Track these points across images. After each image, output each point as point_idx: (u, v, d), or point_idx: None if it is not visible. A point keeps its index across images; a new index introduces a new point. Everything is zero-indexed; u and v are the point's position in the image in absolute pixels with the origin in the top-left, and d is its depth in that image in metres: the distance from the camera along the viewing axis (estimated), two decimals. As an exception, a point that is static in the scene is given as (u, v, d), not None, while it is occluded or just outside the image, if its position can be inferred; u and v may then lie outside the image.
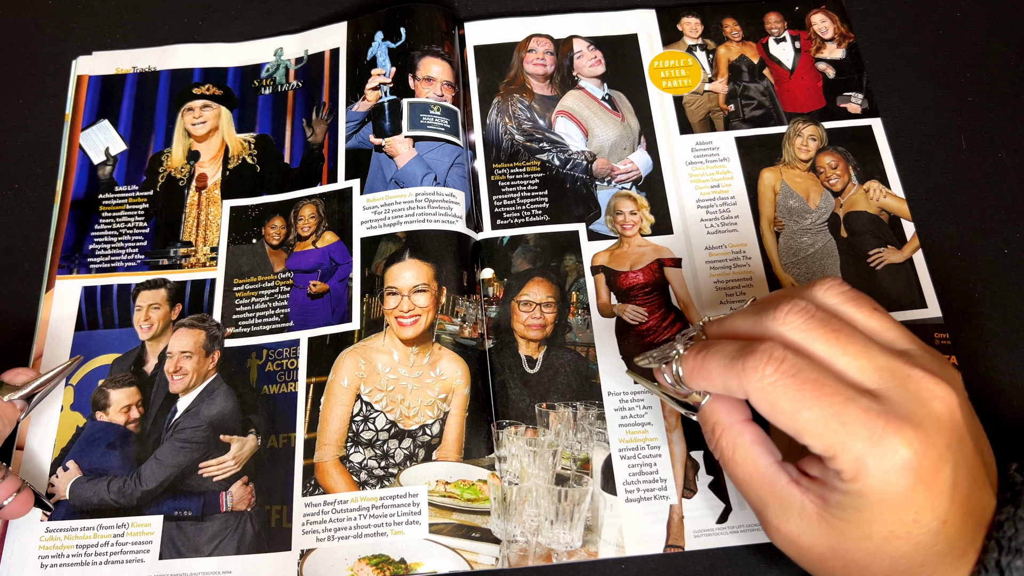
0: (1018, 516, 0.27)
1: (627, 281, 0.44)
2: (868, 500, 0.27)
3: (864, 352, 0.28)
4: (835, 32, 0.51)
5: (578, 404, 0.41)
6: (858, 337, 0.28)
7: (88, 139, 0.49)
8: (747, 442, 0.30)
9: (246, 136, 0.49)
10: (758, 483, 0.30)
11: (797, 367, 0.28)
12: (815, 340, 0.28)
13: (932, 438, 0.26)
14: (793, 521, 0.29)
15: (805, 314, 0.29)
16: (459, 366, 0.42)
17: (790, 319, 0.29)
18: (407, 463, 0.40)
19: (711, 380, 0.30)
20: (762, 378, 0.28)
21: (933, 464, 0.26)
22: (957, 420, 0.27)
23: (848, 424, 0.26)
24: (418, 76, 0.49)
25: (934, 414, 0.27)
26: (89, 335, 0.44)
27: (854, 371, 0.28)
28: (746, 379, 0.28)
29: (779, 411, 0.28)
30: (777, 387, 0.27)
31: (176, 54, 0.51)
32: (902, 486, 0.26)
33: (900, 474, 0.26)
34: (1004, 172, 0.47)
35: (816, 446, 0.27)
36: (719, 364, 0.30)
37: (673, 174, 0.47)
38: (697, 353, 0.31)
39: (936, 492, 0.26)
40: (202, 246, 0.46)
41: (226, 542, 0.38)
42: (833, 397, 0.27)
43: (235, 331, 0.44)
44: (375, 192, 0.46)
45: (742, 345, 0.29)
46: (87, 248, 0.46)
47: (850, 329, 0.29)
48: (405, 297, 0.43)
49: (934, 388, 0.27)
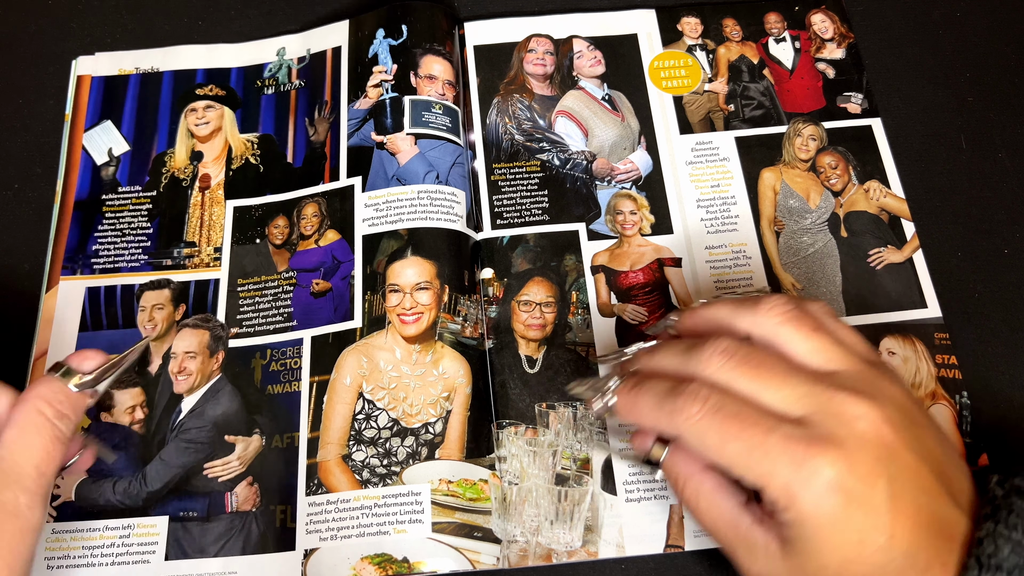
0: (998, 532, 0.26)
1: (627, 281, 0.44)
2: (808, 527, 0.27)
3: (784, 382, 0.29)
4: (835, 32, 0.51)
5: (578, 404, 0.41)
6: (779, 369, 0.29)
7: (91, 140, 0.49)
8: (708, 489, 0.30)
9: (249, 136, 0.49)
10: (724, 528, 0.30)
11: (720, 403, 0.29)
12: (738, 379, 0.29)
13: (857, 455, 0.27)
14: (760, 561, 0.29)
15: (726, 355, 0.30)
16: (461, 365, 0.41)
17: (714, 361, 0.30)
18: (410, 461, 0.39)
19: (643, 419, 0.31)
20: (688, 417, 0.29)
21: (863, 480, 0.26)
22: (885, 436, 0.27)
23: (771, 453, 0.27)
24: (420, 74, 0.48)
25: (857, 433, 0.27)
26: (93, 335, 0.43)
27: (777, 402, 0.29)
28: (675, 419, 0.29)
29: (707, 447, 0.29)
30: (703, 425, 0.29)
31: (179, 55, 0.51)
32: (834, 506, 0.26)
33: (829, 495, 0.26)
34: (1004, 172, 0.47)
35: (747, 478, 0.28)
36: (650, 404, 0.31)
37: (673, 174, 0.47)
38: (629, 390, 0.32)
39: (873, 508, 0.26)
40: (206, 246, 0.46)
41: (232, 543, 0.38)
42: (755, 428, 0.28)
43: (239, 331, 0.43)
44: (377, 189, 0.46)
45: (671, 385, 0.30)
46: (91, 249, 0.46)
47: (771, 362, 0.29)
48: (407, 295, 0.43)
49: (855, 408, 0.28)
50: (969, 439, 0.39)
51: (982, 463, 0.39)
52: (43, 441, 0.29)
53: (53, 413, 0.30)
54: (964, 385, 0.41)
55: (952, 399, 0.40)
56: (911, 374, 0.41)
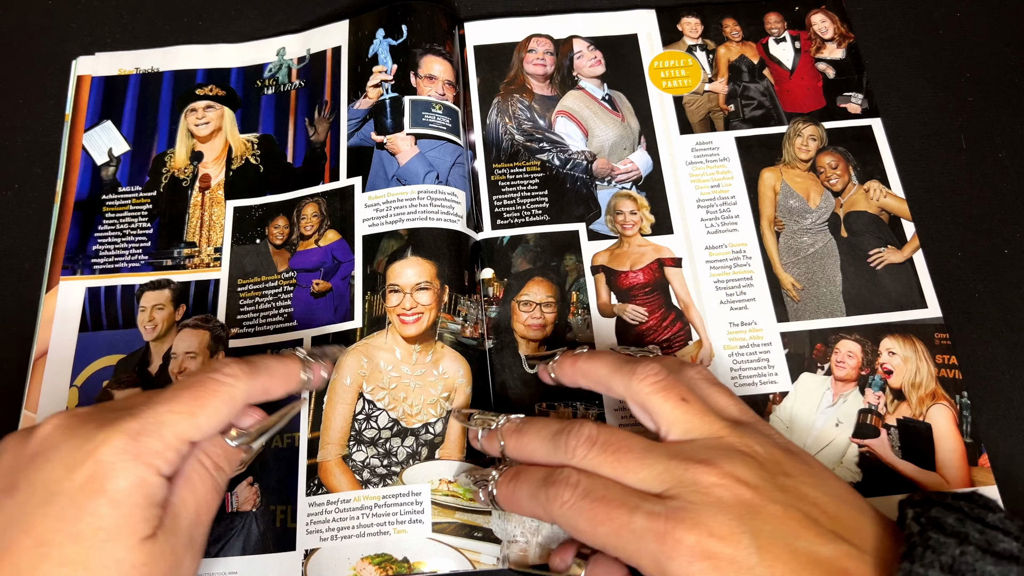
0: (914, 572, 0.26)
1: (627, 281, 0.44)
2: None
3: (642, 464, 0.31)
4: (835, 32, 0.51)
5: (578, 404, 0.41)
6: (637, 450, 0.31)
7: (91, 140, 0.49)
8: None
9: (249, 136, 0.49)
10: None
11: (589, 488, 0.31)
12: (601, 465, 0.31)
13: (715, 520, 0.28)
14: None
15: (589, 443, 0.32)
16: (461, 365, 0.41)
17: (579, 451, 0.32)
18: (410, 461, 0.39)
19: (523, 510, 0.33)
20: (562, 504, 0.31)
21: (725, 540, 0.27)
22: (742, 495, 0.29)
23: (636, 532, 0.29)
24: (420, 74, 0.48)
25: (713, 499, 0.29)
26: (93, 336, 0.43)
27: (639, 483, 0.30)
28: (550, 506, 0.31)
29: (581, 532, 0.30)
30: (575, 511, 0.30)
31: (179, 55, 0.51)
32: (702, 571, 0.27)
33: (695, 561, 0.27)
34: (1004, 172, 0.47)
35: (621, 557, 0.29)
36: (527, 494, 0.33)
37: (673, 174, 0.47)
38: (508, 481, 0.34)
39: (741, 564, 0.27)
40: (206, 247, 0.46)
41: (232, 543, 0.38)
42: (620, 510, 0.29)
43: (239, 331, 0.43)
44: (377, 189, 0.46)
45: (546, 473, 0.32)
46: (91, 249, 0.46)
47: (628, 444, 0.31)
48: (407, 295, 0.42)
49: (708, 477, 0.29)
50: (969, 439, 0.39)
51: (982, 463, 0.39)
52: (205, 489, 0.32)
53: (211, 465, 0.32)
54: (964, 385, 0.41)
55: (952, 399, 0.40)
56: (911, 374, 0.41)
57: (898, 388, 0.41)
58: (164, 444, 0.30)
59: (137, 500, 0.28)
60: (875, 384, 0.41)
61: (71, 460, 0.28)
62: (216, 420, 0.32)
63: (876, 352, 0.41)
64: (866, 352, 0.41)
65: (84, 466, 0.28)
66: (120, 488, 0.28)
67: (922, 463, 0.39)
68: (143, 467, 0.29)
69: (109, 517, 0.28)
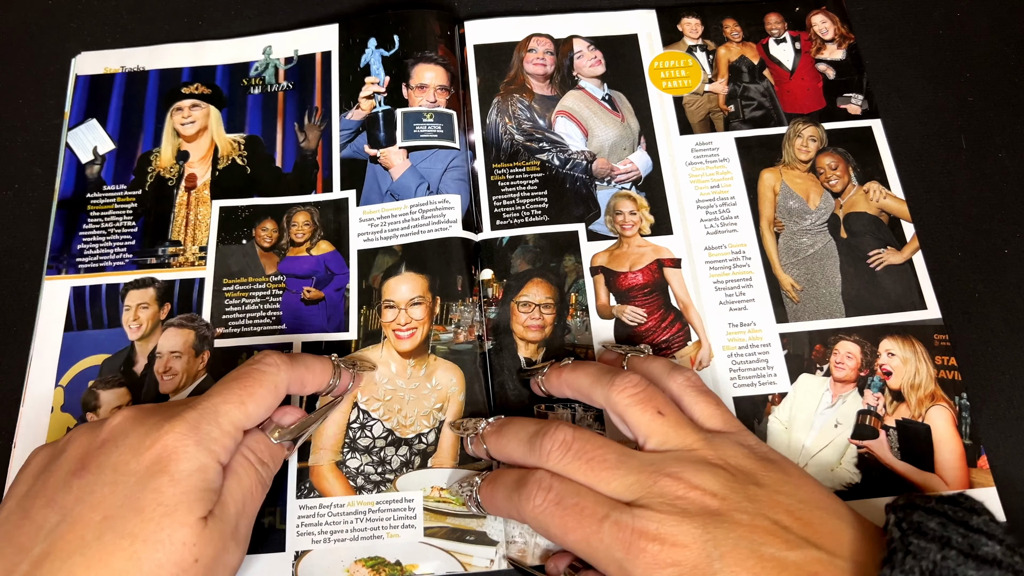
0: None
1: (626, 282, 0.47)
2: None
3: (614, 474, 0.34)
4: (835, 33, 0.54)
5: (576, 406, 0.43)
6: (610, 459, 0.34)
7: (76, 138, 0.51)
8: None
9: (236, 136, 0.51)
10: None
11: (561, 494, 0.34)
12: (575, 471, 0.34)
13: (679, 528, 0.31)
14: None
15: (564, 448, 0.35)
16: (453, 374, 0.44)
17: (552, 456, 0.35)
18: (403, 469, 0.43)
19: (500, 511, 0.37)
20: (534, 507, 0.34)
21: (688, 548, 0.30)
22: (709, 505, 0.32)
23: (605, 540, 0.32)
24: (411, 85, 0.51)
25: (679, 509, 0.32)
26: (78, 335, 0.46)
27: (611, 492, 0.33)
28: (523, 508, 0.34)
29: (552, 536, 0.34)
30: (547, 515, 0.33)
31: (165, 53, 0.53)
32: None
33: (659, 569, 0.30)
34: (1004, 172, 0.49)
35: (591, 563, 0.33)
36: (502, 496, 0.36)
37: (673, 174, 0.50)
38: (488, 484, 0.38)
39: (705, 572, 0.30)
40: (191, 245, 0.48)
41: None
42: (590, 519, 0.32)
43: (225, 331, 0.46)
44: (371, 204, 0.49)
45: (521, 475, 0.36)
46: (75, 248, 0.48)
47: (602, 452, 0.34)
48: (402, 310, 0.46)
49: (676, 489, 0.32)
50: (968, 440, 0.42)
51: (981, 464, 0.42)
52: (250, 481, 0.35)
53: (255, 460, 0.36)
54: (964, 386, 0.43)
55: (951, 400, 0.43)
56: (910, 375, 0.44)
57: (897, 389, 0.43)
58: (221, 432, 0.34)
59: (196, 482, 0.32)
60: (874, 385, 0.44)
61: (139, 445, 0.33)
62: (263, 407, 0.36)
63: (875, 353, 0.44)
64: (865, 353, 0.44)
65: (151, 450, 0.33)
66: (182, 470, 0.32)
67: (921, 464, 0.42)
68: (204, 452, 0.33)
69: (170, 495, 0.32)
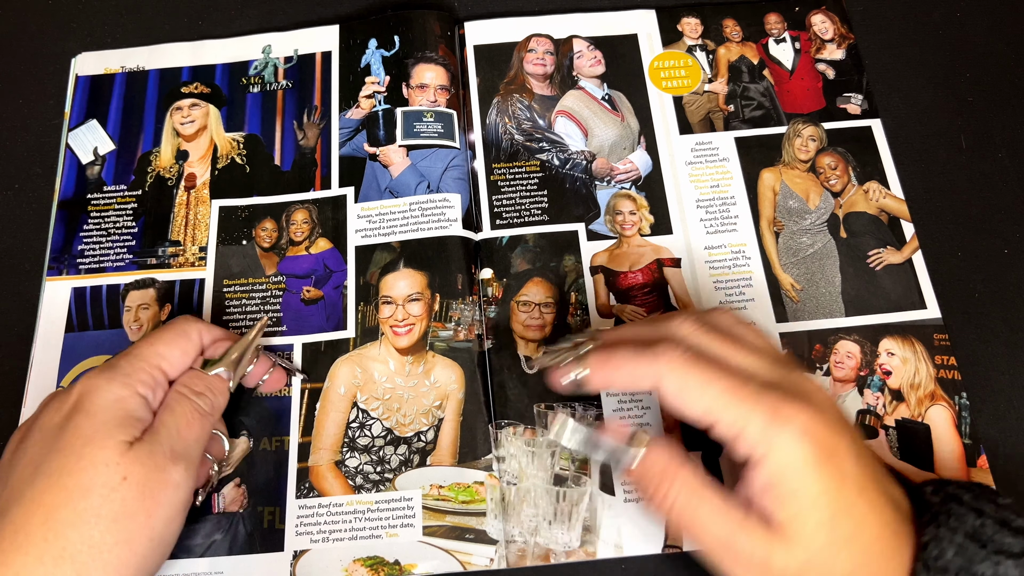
0: (940, 535, 0.30)
1: (626, 281, 0.47)
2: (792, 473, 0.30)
3: (751, 353, 0.34)
4: (835, 33, 0.54)
5: (577, 405, 0.44)
6: (746, 342, 0.34)
7: (76, 139, 0.51)
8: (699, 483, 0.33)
9: (235, 135, 0.52)
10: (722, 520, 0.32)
11: (701, 352, 0.33)
12: (708, 344, 0.34)
13: (823, 413, 0.31)
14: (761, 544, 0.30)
15: (698, 323, 0.35)
16: (453, 371, 0.44)
17: (685, 327, 0.34)
18: (403, 468, 0.43)
19: (620, 369, 0.34)
20: (671, 360, 0.32)
21: (830, 432, 0.31)
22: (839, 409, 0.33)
23: (748, 399, 0.31)
24: (412, 84, 0.52)
25: (819, 400, 0.32)
26: (79, 336, 0.46)
27: (747, 366, 0.33)
28: (656, 363, 0.33)
29: (688, 390, 0.32)
30: (686, 368, 0.32)
31: (165, 53, 0.54)
32: (811, 451, 0.30)
33: (803, 440, 0.30)
34: (1004, 172, 0.50)
35: (723, 421, 0.31)
36: (628, 354, 0.34)
37: (673, 174, 0.50)
38: (604, 347, 0.36)
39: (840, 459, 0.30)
40: (191, 245, 0.49)
41: (218, 543, 0.41)
42: (736, 378, 0.32)
43: None
44: (370, 201, 0.49)
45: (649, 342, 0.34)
46: (76, 249, 0.49)
47: (734, 337, 0.35)
48: (400, 307, 0.46)
49: (814, 383, 0.33)
50: (968, 440, 0.42)
51: (981, 464, 0.42)
52: (183, 410, 0.37)
53: (190, 391, 0.38)
54: (963, 386, 0.44)
55: (951, 400, 0.43)
56: (911, 375, 0.44)
57: (897, 389, 0.44)
58: (133, 367, 0.36)
59: (114, 412, 0.34)
60: (874, 385, 0.44)
61: (60, 404, 0.36)
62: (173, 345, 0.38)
63: (875, 353, 0.44)
64: (865, 353, 0.45)
65: (68, 400, 0.35)
66: (96, 404, 0.34)
67: (921, 464, 0.42)
68: (117, 385, 0.35)
69: (87, 426, 0.34)
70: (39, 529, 0.31)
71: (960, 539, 0.29)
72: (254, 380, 0.42)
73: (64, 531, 0.31)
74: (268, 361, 0.43)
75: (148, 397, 0.36)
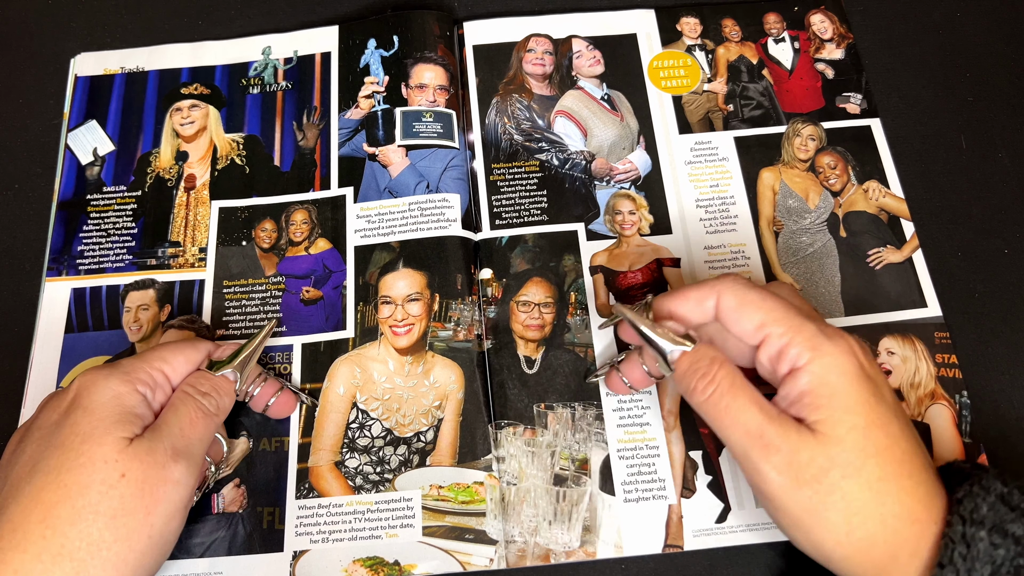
0: (975, 492, 0.31)
1: (626, 281, 0.47)
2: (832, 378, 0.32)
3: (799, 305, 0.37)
4: (834, 32, 0.54)
5: (576, 405, 0.44)
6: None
7: (76, 140, 0.52)
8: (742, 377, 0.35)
9: (234, 136, 0.52)
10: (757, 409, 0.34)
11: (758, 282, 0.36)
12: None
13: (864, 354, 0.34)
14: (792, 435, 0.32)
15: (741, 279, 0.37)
16: (453, 371, 0.45)
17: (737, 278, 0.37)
18: (402, 468, 0.43)
19: (686, 295, 0.37)
20: (735, 280, 0.37)
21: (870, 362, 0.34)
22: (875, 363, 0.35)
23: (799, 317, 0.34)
24: (411, 84, 0.52)
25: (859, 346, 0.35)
26: (79, 337, 0.46)
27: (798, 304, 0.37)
28: (720, 284, 0.36)
29: (745, 305, 0.35)
30: (746, 287, 0.36)
31: (164, 54, 0.54)
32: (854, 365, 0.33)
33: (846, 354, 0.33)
34: (1004, 172, 0.50)
35: (774, 334, 0.34)
36: (690, 287, 0.38)
37: (672, 174, 0.50)
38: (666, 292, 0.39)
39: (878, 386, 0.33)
40: (190, 246, 0.49)
41: (217, 543, 0.41)
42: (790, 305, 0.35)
43: (226, 333, 0.46)
44: (369, 201, 0.49)
45: None
46: (75, 249, 0.49)
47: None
48: (399, 306, 0.46)
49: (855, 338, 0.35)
50: (968, 439, 0.42)
51: (981, 463, 0.42)
52: (187, 409, 0.37)
53: (195, 391, 0.38)
54: (964, 385, 0.44)
55: (952, 399, 0.43)
56: (911, 374, 0.44)
57: (897, 388, 0.44)
58: (134, 366, 0.37)
59: (113, 408, 0.35)
60: None
61: (57, 402, 0.36)
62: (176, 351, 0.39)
63: (875, 352, 0.44)
64: None
65: (66, 398, 0.36)
66: (94, 400, 0.35)
67: None
68: (116, 381, 0.36)
69: (85, 423, 0.34)
70: (37, 527, 0.32)
71: (992, 499, 0.31)
72: (261, 403, 0.42)
73: (62, 528, 0.32)
74: (276, 383, 0.42)
75: (147, 395, 0.36)
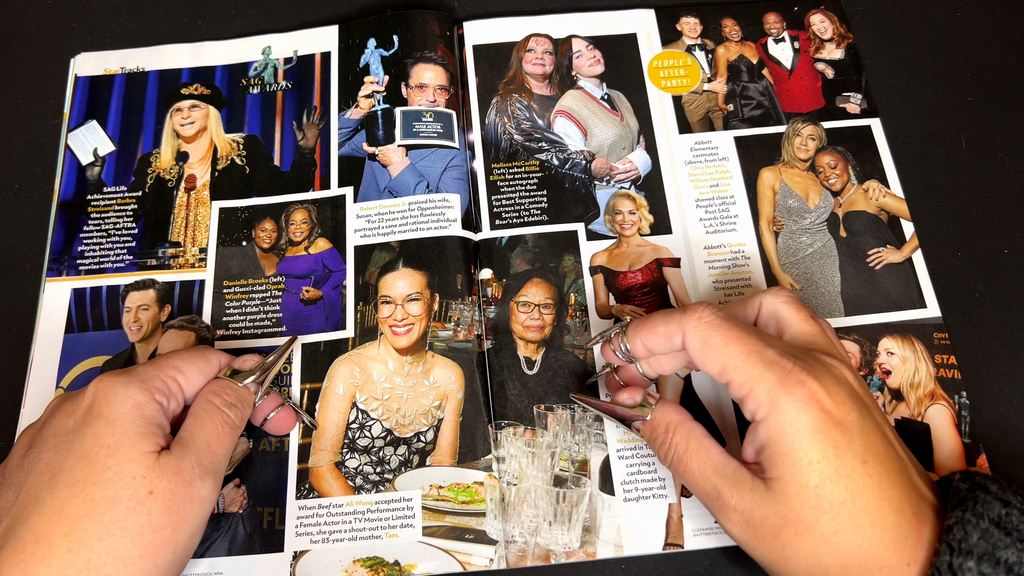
0: (966, 519, 0.30)
1: (626, 281, 0.48)
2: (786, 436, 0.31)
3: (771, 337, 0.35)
4: (834, 32, 0.54)
5: (575, 406, 0.44)
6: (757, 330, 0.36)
7: (76, 140, 0.52)
8: (699, 435, 0.36)
9: (235, 136, 0.52)
10: (711, 470, 0.34)
11: (730, 315, 0.36)
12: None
13: (835, 387, 0.33)
14: (746, 495, 0.33)
15: (712, 310, 0.36)
16: (452, 371, 0.45)
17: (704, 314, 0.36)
18: (402, 469, 0.43)
19: (654, 329, 0.37)
20: (700, 319, 0.35)
21: (838, 405, 0.32)
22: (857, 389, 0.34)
23: (764, 360, 0.33)
24: (411, 84, 0.52)
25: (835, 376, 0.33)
26: (79, 337, 0.46)
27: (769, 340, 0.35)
28: (686, 321, 0.36)
29: (710, 345, 0.34)
30: (712, 326, 0.35)
31: (164, 54, 0.54)
32: (812, 417, 0.32)
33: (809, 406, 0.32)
34: (1004, 172, 0.50)
35: (737, 380, 0.33)
36: (660, 318, 0.37)
37: (672, 174, 0.51)
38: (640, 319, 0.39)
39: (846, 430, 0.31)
40: (191, 247, 0.49)
41: (217, 543, 0.41)
42: (756, 343, 0.34)
43: (225, 333, 0.46)
44: (369, 201, 0.49)
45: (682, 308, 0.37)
46: (76, 250, 0.49)
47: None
48: (399, 306, 0.46)
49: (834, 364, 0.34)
50: (968, 439, 0.43)
51: (981, 463, 0.42)
52: (213, 423, 0.37)
53: (221, 402, 0.38)
54: (963, 385, 0.44)
55: (951, 399, 0.43)
56: (910, 374, 0.44)
57: (896, 388, 0.44)
58: (150, 374, 0.36)
59: (134, 419, 0.34)
60: (873, 384, 0.44)
61: (71, 408, 0.35)
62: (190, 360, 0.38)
63: (875, 352, 0.45)
64: (864, 352, 0.45)
65: (82, 405, 0.35)
66: (115, 410, 0.34)
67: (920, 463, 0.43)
68: (134, 389, 0.35)
69: (109, 435, 0.33)
70: (63, 540, 0.31)
71: (985, 524, 0.30)
72: (260, 416, 0.42)
73: (89, 542, 0.31)
74: (277, 398, 0.42)
75: (164, 404, 0.36)
